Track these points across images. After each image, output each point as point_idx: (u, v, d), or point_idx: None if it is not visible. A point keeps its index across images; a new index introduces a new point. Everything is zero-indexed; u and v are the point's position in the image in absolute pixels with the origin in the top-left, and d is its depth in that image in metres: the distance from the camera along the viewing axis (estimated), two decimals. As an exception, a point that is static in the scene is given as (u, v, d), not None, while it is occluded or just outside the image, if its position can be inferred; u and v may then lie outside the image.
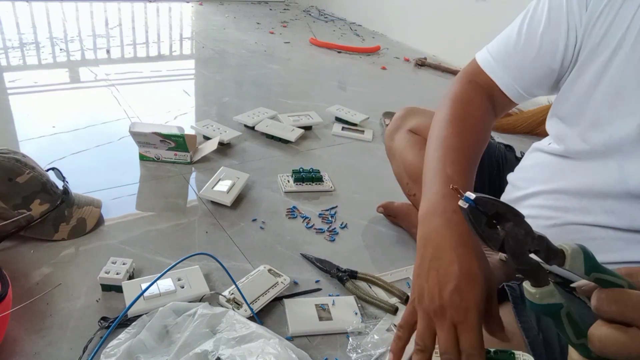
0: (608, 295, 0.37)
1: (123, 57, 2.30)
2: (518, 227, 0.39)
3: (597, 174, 0.66)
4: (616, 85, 0.63)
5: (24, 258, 0.96)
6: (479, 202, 0.39)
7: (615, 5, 0.63)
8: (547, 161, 0.76)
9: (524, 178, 0.80)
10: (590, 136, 0.66)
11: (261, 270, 0.96)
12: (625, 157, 0.62)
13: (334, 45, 2.84)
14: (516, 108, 2.10)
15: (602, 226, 0.66)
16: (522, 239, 0.39)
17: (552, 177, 0.73)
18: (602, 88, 0.65)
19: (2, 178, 0.95)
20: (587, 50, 0.66)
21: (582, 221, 0.67)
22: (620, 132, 0.62)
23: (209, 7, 3.54)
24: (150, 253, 1.01)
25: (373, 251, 1.12)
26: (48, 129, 1.49)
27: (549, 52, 0.72)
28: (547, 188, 0.73)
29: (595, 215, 0.66)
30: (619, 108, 0.63)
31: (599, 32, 0.64)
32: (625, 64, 0.62)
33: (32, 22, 2.61)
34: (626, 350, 0.37)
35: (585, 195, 0.67)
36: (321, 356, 0.82)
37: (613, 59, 0.63)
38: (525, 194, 0.78)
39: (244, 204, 1.22)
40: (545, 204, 0.73)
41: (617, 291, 0.37)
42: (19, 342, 0.78)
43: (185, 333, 0.75)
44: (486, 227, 0.39)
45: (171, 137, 1.32)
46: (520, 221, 0.39)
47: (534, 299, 0.39)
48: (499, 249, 0.39)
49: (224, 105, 1.85)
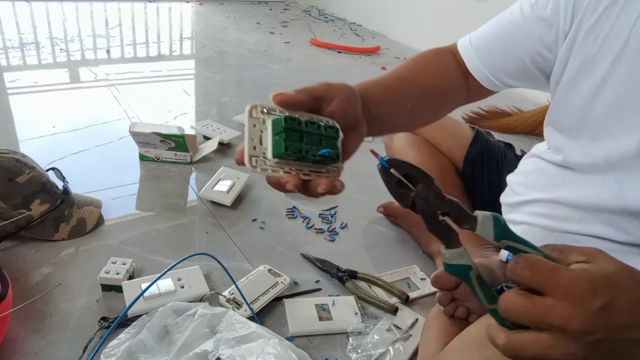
0: (525, 260, 0.38)
1: (123, 57, 2.30)
2: (428, 189, 0.42)
3: (596, 188, 0.65)
4: (619, 99, 0.61)
5: (24, 258, 0.96)
6: (391, 164, 0.42)
7: (612, 15, 0.61)
8: (546, 169, 0.74)
9: (522, 183, 0.80)
10: (591, 150, 0.65)
11: (261, 270, 0.96)
12: (624, 173, 0.62)
13: (334, 45, 2.84)
14: (516, 108, 2.10)
15: (599, 237, 0.65)
16: (432, 200, 0.42)
17: (550, 186, 0.72)
18: (603, 101, 0.63)
19: (2, 178, 0.95)
20: (581, 59, 0.64)
21: (579, 231, 0.67)
22: (622, 147, 0.61)
23: (209, 7, 3.54)
24: (150, 253, 1.01)
25: (373, 251, 1.12)
26: (48, 129, 1.49)
27: (523, 44, 0.70)
28: (545, 197, 0.72)
29: (592, 225, 0.65)
30: (623, 122, 0.61)
31: (595, 42, 0.62)
32: (628, 77, 0.60)
33: (32, 22, 2.61)
34: (526, 314, 0.37)
35: (582, 208, 0.67)
36: (321, 356, 0.82)
37: (613, 71, 0.61)
38: (522, 200, 0.77)
39: (244, 204, 1.22)
40: (543, 212, 0.72)
41: (534, 258, 0.38)
42: (19, 342, 0.78)
43: (185, 333, 0.75)
44: (397, 186, 0.42)
45: (171, 137, 1.32)
46: (430, 184, 0.42)
47: (445, 259, 0.42)
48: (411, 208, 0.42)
49: (224, 105, 1.85)
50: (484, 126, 1.17)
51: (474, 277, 0.42)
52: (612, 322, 0.36)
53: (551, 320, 0.36)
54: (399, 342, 0.84)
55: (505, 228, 0.41)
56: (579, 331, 0.36)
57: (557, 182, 0.71)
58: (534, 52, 0.69)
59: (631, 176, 0.61)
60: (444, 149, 1.08)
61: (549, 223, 0.71)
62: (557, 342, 0.36)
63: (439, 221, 0.42)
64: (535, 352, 0.37)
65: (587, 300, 0.36)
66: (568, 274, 0.37)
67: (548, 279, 0.37)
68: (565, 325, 0.36)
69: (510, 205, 0.82)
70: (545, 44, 0.68)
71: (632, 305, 0.37)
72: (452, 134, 1.08)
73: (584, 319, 0.36)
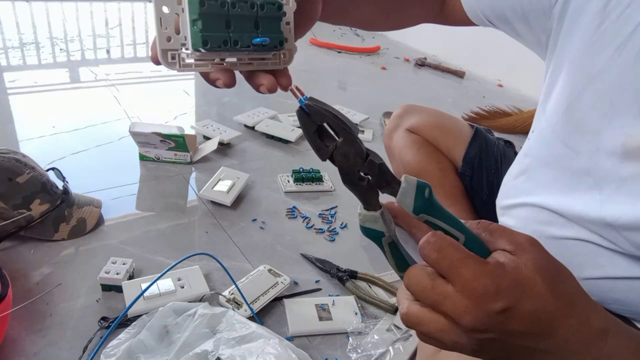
0: (436, 241, 0.36)
1: (123, 57, 2.30)
2: (348, 145, 0.38)
3: (578, 196, 0.62)
4: (610, 94, 0.57)
5: (24, 258, 0.96)
6: (310, 110, 0.37)
7: (622, 3, 0.56)
8: (532, 170, 0.72)
9: (511, 186, 0.78)
10: (573, 144, 0.62)
11: (261, 270, 0.96)
12: (604, 180, 0.58)
13: (334, 45, 2.84)
14: (516, 108, 2.10)
15: (586, 241, 0.63)
16: (352, 157, 0.38)
17: (536, 189, 0.70)
18: (593, 92, 0.59)
19: (2, 178, 0.95)
20: (583, 41, 0.59)
21: (565, 235, 0.65)
22: (605, 146, 0.57)
23: (209, 7, 3.54)
24: (150, 253, 1.01)
25: (373, 251, 1.12)
26: (48, 129, 1.49)
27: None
28: (530, 201, 0.71)
29: (577, 231, 0.63)
30: (608, 119, 0.57)
31: (599, 28, 0.57)
32: (626, 73, 0.56)
33: (32, 22, 2.61)
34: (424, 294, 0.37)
35: (565, 215, 0.65)
36: (321, 356, 0.82)
37: (612, 64, 0.57)
38: (512, 203, 0.76)
39: (244, 204, 1.23)
40: (530, 216, 0.71)
41: (446, 242, 0.36)
42: (19, 342, 0.78)
43: (185, 333, 0.75)
44: (315, 135, 0.38)
45: (171, 137, 1.32)
46: (351, 139, 0.38)
47: (359, 220, 0.40)
48: (330, 160, 0.39)
49: (224, 105, 1.85)
50: (483, 125, 1.17)
51: (386, 243, 0.40)
52: (507, 327, 0.35)
53: (445, 308, 0.35)
54: (399, 342, 0.84)
55: (428, 201, 0.37)
56: (469, 327, 0.35)
57: (542, 185, 0.69)
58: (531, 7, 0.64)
59: (610, 185, 0.58)
60: (443, 149, 1.08)
61: (536, 227, 0.69)
62: (449, 329, 0.36)
63: (357, 180, 0.39)
64: (429, 330, 0.37)
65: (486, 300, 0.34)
66: (474, 268, 0.35)
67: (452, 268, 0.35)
68: (457, 318, 0.35)
69: (502, 208, 0.81)
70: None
71: (535, 314, 0.35)
72: (451, 134, 1.07)
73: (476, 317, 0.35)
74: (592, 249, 0.63)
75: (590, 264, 0.63)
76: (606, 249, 0.61)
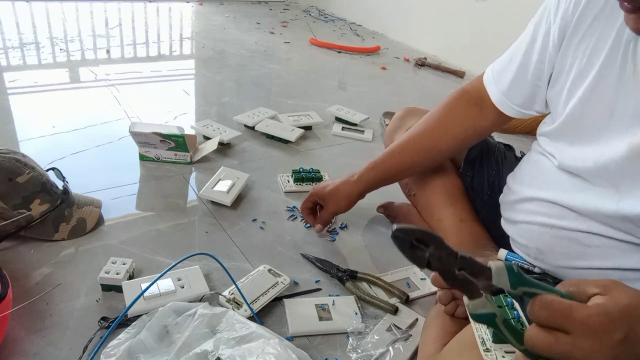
0: (541, 301, 0.41)
1: (123, 57, 2.30)
2: (439, 249, 0.44)
3: (593, 194, 0.66)
4: (608, 104, 0.64)
5: (24, 258, 0.96)
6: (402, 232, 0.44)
7: (598, 27, 0.64)
8: (543, 168, 0.75)
9: (519, 182, 0.81)
10: (585, 155, 0.67)
11: (261, 270, 0.96)
12: (619, 178, 0.63)
13: (334, 45, 2.84)
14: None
15: (597, 234, 0.66)
16: (445, 259, 0.44)
17: (546, 185, 0.73)
18: (593, 107, 0.65)
19: (2, 178, 0.95)
20: (575, 72, 0.68)
21: (577, 228, 0.68)
22: (612, 151, 0.63)
23: (209, 7, 3.54)
24: (150, 253, 1.01)
25: (373, 251, 1.12)
26: (48, 129, 1.49)
27: (532, 70, 0.76)
28: (541, 195, 0.73)
29: (589, 224, 0.66)
30: (613, 127, 0.63)
31: (584, 53, 0.66)
32: (616, 83, 0.62)
33: (32, 22, 2.61)
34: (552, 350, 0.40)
35: (578, 210, 0.68)
36: (321, 356, 0.82)
37: (600, 79, 0.64)
38: (520, 197, 0.78)
39: (244, 204, 1.22)
40: (540, 210, 0.73)
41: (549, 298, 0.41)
42: (19, 342, 0.78)
43: (185, 333, 0.75)
44: (410, 249, 0.44)
45: (171, 137, 1.32)
46: (440, 244, 0.44)
47: (469, 310, 0.45)
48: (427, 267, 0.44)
49: (224, 105, 1.85)
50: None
51: (500, 322, 0.44)
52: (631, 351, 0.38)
53: (576, 355, 0.38)
54: (399, 342, 0.84)
55: (519, 276, 0.43)
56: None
57: (553, 183, 0.72)
58: (539, 74, 0.76)
59: (624, 181, 0.62)
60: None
61: (546, 220, 0.72)
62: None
63: (456, 276, 0.44)
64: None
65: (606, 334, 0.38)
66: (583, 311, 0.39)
67: (565, 318, 0.39)
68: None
69: (508, 203, 0.82)
70: (543, 62, 0.75)
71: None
72: None
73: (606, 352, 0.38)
74: (604, 241, 0.65)
75: (601, 255, 0.66)
76: (619, 240, 0.64)
